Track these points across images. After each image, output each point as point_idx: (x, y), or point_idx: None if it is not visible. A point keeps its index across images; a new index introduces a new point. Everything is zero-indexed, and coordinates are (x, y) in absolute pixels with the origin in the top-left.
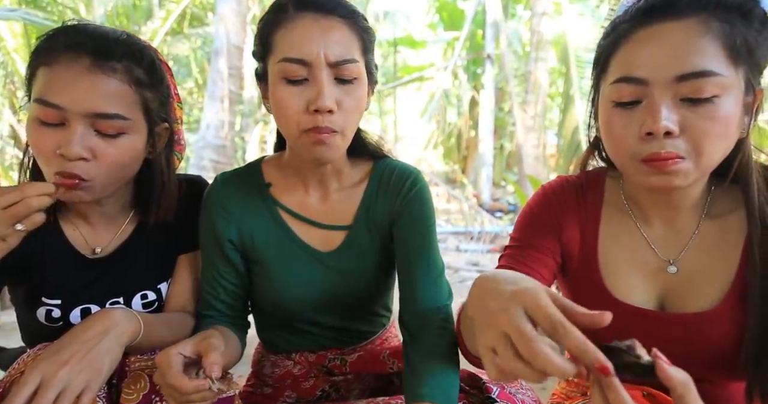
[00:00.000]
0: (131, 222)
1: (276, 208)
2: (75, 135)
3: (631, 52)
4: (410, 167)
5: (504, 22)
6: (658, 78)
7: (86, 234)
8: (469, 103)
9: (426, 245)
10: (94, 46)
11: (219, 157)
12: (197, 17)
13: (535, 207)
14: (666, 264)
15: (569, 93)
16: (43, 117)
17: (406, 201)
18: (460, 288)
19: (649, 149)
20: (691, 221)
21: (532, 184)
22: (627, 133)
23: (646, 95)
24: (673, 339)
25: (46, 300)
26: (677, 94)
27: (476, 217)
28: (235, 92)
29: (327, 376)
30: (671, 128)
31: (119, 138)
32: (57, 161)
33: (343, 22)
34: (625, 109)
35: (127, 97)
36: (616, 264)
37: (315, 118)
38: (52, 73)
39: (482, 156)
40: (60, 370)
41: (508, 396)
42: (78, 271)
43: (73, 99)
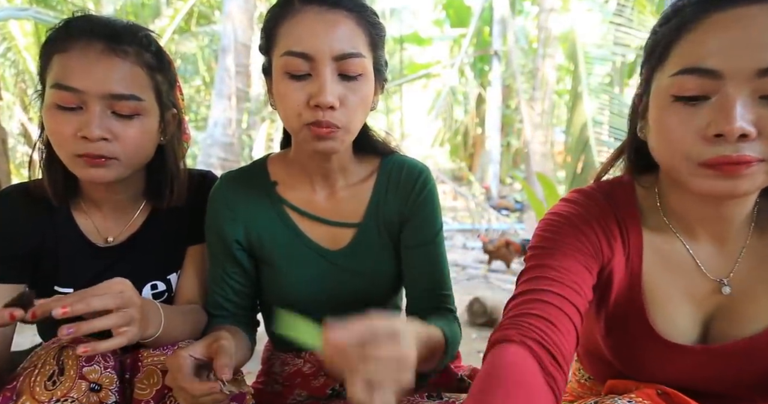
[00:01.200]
0: (143, 212)
1: (282, 206)
2: (94, 116)
3: (702, 40)
4: (419, 163)
5: (511, 18)
6: (736, 71)
7: (98, 223)
8: (475, 101)
9: (437, 245)
10: (105, 32)
11: (227, 155)
12: (204, 15)
13: (569, 218)
14: (717, 285)
15: (577, 90)
16: (61, 101)
17: (419, 201)
18: (467, 285)
19: (713, 152)
20: (740, 235)
21: (540, 181)
22: (687, 132)
23: (717, 90)
24: (720, 369)
25: (58, 289)
26: (756, 91)
27: (483, 215)
28: (243, 90)
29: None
30: (748, 129)
31: (135, 119)
32: (78, 144)
33: (349, 15)
34: (688, 104)
35: (140, 79)
36: (663, 292)
37: (316, 113)
38: (68, 58)
39: (489, 153)
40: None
41: None
42: (90, 260)
43: (90, 81)
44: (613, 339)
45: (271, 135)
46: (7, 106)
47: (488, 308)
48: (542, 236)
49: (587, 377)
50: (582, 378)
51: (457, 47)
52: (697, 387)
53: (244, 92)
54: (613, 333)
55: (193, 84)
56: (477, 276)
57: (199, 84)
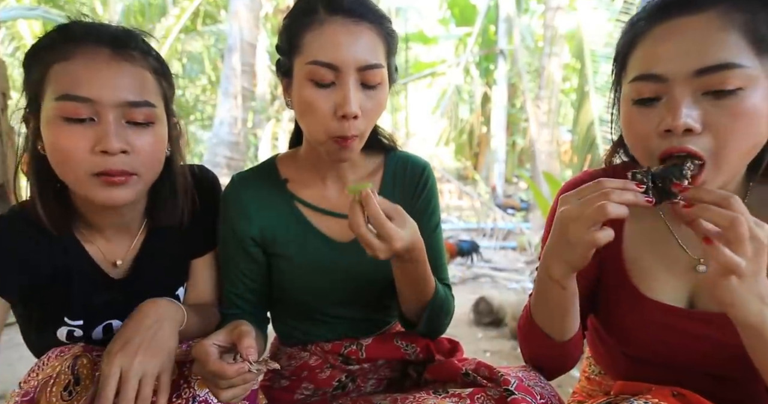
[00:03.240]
0: (142, 232)
1: (294, 203)
2: (111, 127)
3: (649, 49)
4: (421, 160)
5: (517, 17)
6: (678, 73)
7: (103, 247)
8: (481, 99)
9: (437, 234)
10: (109, 37)
11: (232, 154)
12: (210, 15)
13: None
14: (696, 262)
15: (584, 88)
16: (71, 113)
17: (423, 196)
18: (473, 284)
19: (665, 145)
20: None
21: (547, 180)
22: (646, 131)
23: (666, 92)
24: (702, 337)
25: (68, 322)
26: (698, 89)
27: (488, 214)
28: (248, 89)
29: (343, 366)
30: (692, 125)
31: (149, 127)
32: (94, 161)
33: (371, 27)
34: (645, 106)
35: (151, 84)
36: (643, 261)
37: (342, 126)
38: (73, 66)
39: (494, 152)
40: (134, 360)
41: (526, 388)
42: (102, 291)
43: (102, 90)
44: (604, 307)
45: (276, 134)
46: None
47: (494, 307)
48: (546, 231)
49: (597, 371)
50: (592, 374)
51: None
52: (685, 360)
53: (249, 91)
54: (602, 302)
55: (199, 83)
56: (482, 276)
57: (205, 83)
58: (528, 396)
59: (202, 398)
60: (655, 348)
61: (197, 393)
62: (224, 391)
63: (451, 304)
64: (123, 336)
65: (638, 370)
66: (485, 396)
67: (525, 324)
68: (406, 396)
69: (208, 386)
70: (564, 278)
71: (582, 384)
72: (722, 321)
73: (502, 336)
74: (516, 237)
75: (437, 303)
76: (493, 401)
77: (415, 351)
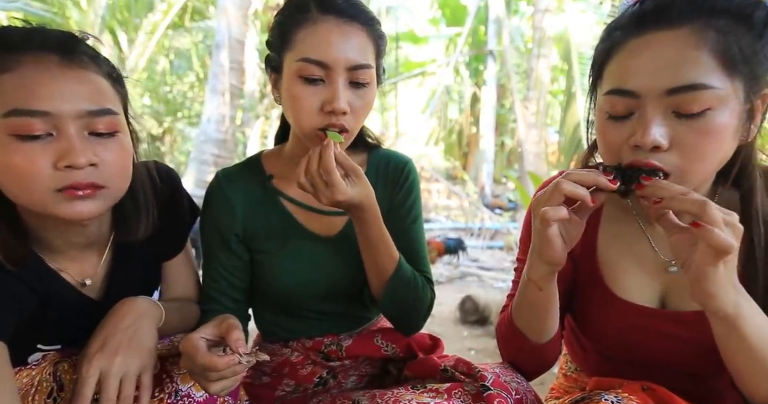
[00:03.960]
0: (111, 246)
1: (278, 198)
2: (74, 140)
3: (624, 63)
4: (403, 156)
5: (507, 18)
6: (650, 91)
7: (70, 268)
8: (470, 100)
9: (417, 227)
10: (56, 41)
11: (220, 151)
12: (198, 11)
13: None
14: (667, 264)
15: (571, 90)
16: (23, 130)
17: (404, 191)
18: (460, 283)
19: (634, 156)
20: None
21: (533, 180)
22: (618, 142)
23: (638, 107)
24: (674, 336)
25: (42, 347)
26: (669, 107)
27: (476, 213)
28: (237, 86)
29: (324, 362)
30: (659, 142)
31: (114, 137)
32: (58, 177)
33: (363, 28)
34: (618, 120)
35: (108, 90)
36: (616, 263)
37: (329, 118)
38: (19, 78)
39: (483, 152)
40: (114, 360)
41: (502, 384)
42: (81, 313)
43: (57, 100)
44: (578, 307)
45: (265, 132)
46: None
47: (480, 306)
48: (522, 235)
49: (574, 369)
50: (569, 371)
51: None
52: (656, 358)
53: (238, 89)
54: (576, 302)
55: (186, 80)
56: (470, 275)
57: (193, 80)
58: (503, 391)
59: (184, 392)
60: (627, 346)
61: (180, 387)
62: (213, 384)
63: (423, 290)
64: (100, 337)
65: (611, 367)
66: (462, 392)
67: (504, 325)
68: (385, 391)
69: (197, 380)
70: (542, 279)
71: (559, 381)
72: (692, 320)
73: (488, 334)
74: (503, 236)
75: (402, 278)
76: (470, 396)
77: (396, 352)
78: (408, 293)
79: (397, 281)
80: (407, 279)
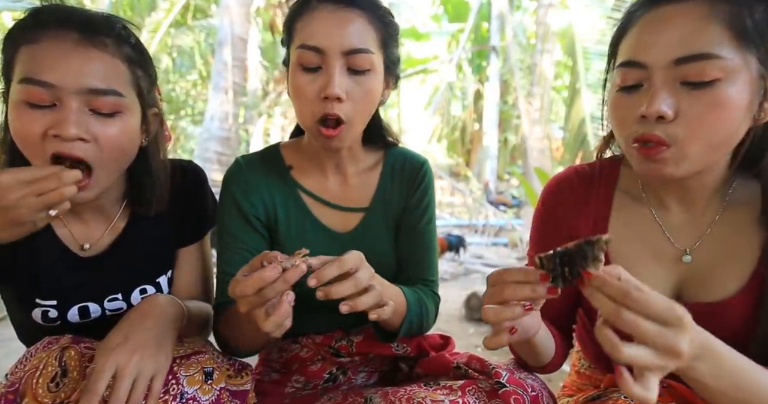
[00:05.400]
0: (123, 216)
1: (297, 190)
2: (70, 113)
3: (636, 36)
4: (420, 157)
5: (510, 13)
6: (658, 62)
7: (76, 230)
8: (473, 96)
9: (430, 231)
10: (80, 21)
11: (223, 149)
12: (201, 9)
13: (544, 207)
14: (681, 253)
15: (576, 85)
16: (32, 98)
17: (420, 192)
18: (465, 280)
19: (637, 130)
20: (712, 209)
21: (539, 176)
22: (627, 116)
23: (646, 79)
24: None
25: (40, 302)
26: (678, 78)
27: (480, 210)
28: (240, 84)
29: (334, 358)
30: (664, 111)
31: (115, 117)
32: (50, 144)
33: (362, 14)
34: (628, 92)
35: (120, 73)
36: (628, 253)
37: (325, 105)
38: (38, 50)
39: (486, 149)
40: (132, 358)
41: (517, 381)
42: (71, 271)
43: (65, 75)
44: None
45: (268, 130)
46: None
47: None
48: (531, 233)
49: (587, 366)
50: (582, 368)
51: (455, 42)
52: None
53: (241, 86)
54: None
55: (189, 78)
56: (474, 272)
57: (196, 78)
58: (519, 388)
59: (190, 395)
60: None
61: (186, 389)
62: (267, 322)
63: (430, 308)
64: (122, 331)
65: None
66: (476, 388)
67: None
68: (397, 389)
69: (241, 305)
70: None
71: (572, 379)
72: (709, 312)
73: None
74: (507, 233)
75: (414, 315)
76: (484, 393)
77: (407, 351)
78: (420, 320)
79: (410, 319)
80: (414, 313)
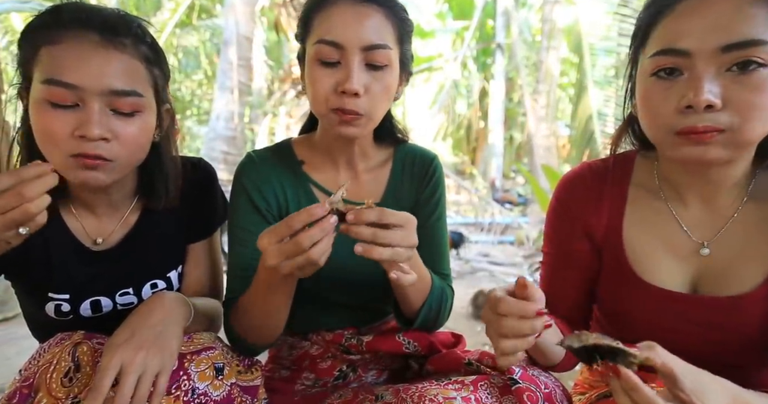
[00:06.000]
0: (134, 211)
1: (309, 185)
2: (94, 114)
3: (674, 23)
4: (430, 152)
5: (515, 10)
6: (702, 49)
7: (88, 224)
8: (478, 94)
9: (441, 226)
10: (100, 22)
11: (229, 148)
12: (206, 9)
13: (558, 203)
14: (699, 246)
15: (582, 82)
16: (55, 98)
17: (430, 188)
18: (471, 278)
19: (686, 122)
20: (732, 202)
21: (546, 173)
22: (665, 106)
23: (688, 67)
24: (705, 323)
25: (53, 296)
26: (722, 65)
27: (486, 208)
28: (245, 83)
29: (344, 355)
30: (713, 101)
31: (135, 117)
32: (73, 143)
33: (380, 9)
34: (665, 81)
35: (140, 73)
36: (643, 247)
37: (342, 100)
38: (60, 51)
39: (492, 147)
40: (137, 355)
41: (530, 377)
42: (83, 265)
43: (88, 76)
44: (605, 296)
45: (273, 129)
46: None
47: None
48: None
49: None
50: None
51: (459, 40)
52: (690, 348)
53: (246, 85)
54: (602, 290)
55: (195, 78)
56: (480, 270)
57: (201, 78)
58: (532, 385)
59: (201, 390)
60: (657, 335)
61: (197, 385)
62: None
63: (449, 298)
64: (128, 329)
65: None
66: (488, 384)
67: None
68: (409, 386)
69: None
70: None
71: (584, 376)
72: (728, 306)
73: None
74: (514, 231)
75: (434, 300)
76: (497, 389)
77: (418, 350)
78: (439, 309)
79: (431, 303)
80: (439, 297)
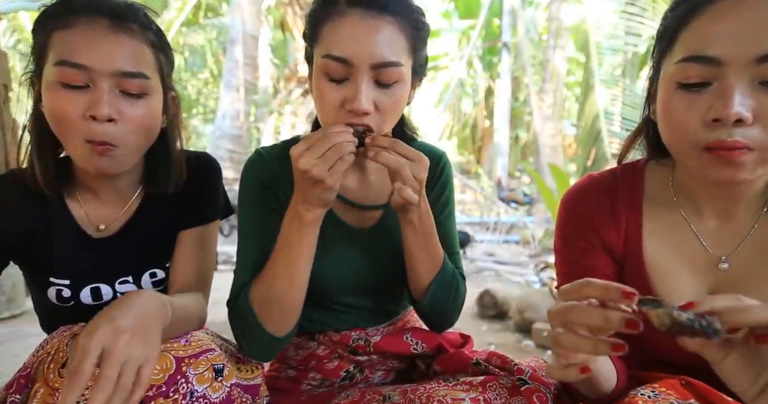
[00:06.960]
0: (137, 199)
1: None
2: (104, 94)
3: (705, 28)
4: (438, 149)
5: (521, 9)
6: (735, 58)
7: (92, 211)
8: (484, 93)
9: (450, 223)
10: (109, 9)
11: (235, 147)
12: (212, 7)
13: (569, 216)
14: (717, 260)
15: (589, 81)
16: (67, 79)
17: (439, 185)
18: (477, 278)
19: (713, 137)
20: (751, 215)
21: (553, 172)
22: (689, 118)
23: (717, 77)
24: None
25: (54, 280)
26: (755, 78)
27: (491, 207)
28: (251, 82)
29: (351, 356)
30: (744, 115)
31: (142, 99)
32: (84, 127)
33: (393, 21)
34: (691, 91)
35: (147, 57)
36: (663, 262)
37: (350, 117)
38: (73, 34)
39: (497, 146)
40: (120, 338)
41: (539, 378)
42: (85, 251)
43: (98, 58)
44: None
45: (278, 127)
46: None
47: (498, 300)
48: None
49: None
50: None
51: (465, 39)
52: (707, 364)
53: (252, 84)
54: None
55: (201, 76)
56: (486, 269)
57: (207, 76)
58: (542, 386)
59: (200, 393)
60: (672, 350)
61: (195, 388)
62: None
63: (460, 285)
64: (108, 314)
65: (650, 368)
66: (497, 385)
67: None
68: (416, 387)
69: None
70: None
71: None
72: None
73: (507, 328)
74: (519, 230)
75: (445, 279)
76: (506, 389)
77: (426, 351)
78: (449, 291)
79: (441, 280)
80: (449, 277)
